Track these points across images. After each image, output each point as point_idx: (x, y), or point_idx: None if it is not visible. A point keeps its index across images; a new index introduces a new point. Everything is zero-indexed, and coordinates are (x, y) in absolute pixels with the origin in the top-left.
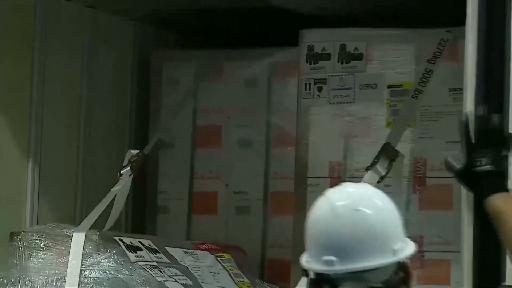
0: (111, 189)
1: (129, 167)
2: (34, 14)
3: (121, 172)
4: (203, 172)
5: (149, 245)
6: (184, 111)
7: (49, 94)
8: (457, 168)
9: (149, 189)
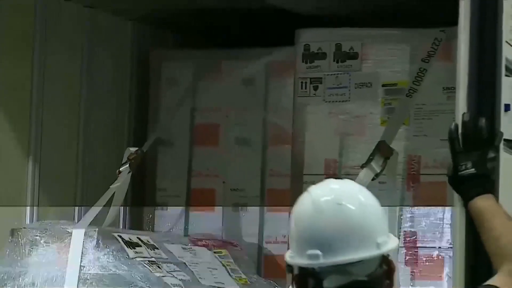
0: (110, 186)
1: (128, 165)
2: (34, 14)
3: (120, 169)
4: (201, 169)
5: (148, 241)
6: (182, 110)
7: (49, 94)
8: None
9: (147, 186)
